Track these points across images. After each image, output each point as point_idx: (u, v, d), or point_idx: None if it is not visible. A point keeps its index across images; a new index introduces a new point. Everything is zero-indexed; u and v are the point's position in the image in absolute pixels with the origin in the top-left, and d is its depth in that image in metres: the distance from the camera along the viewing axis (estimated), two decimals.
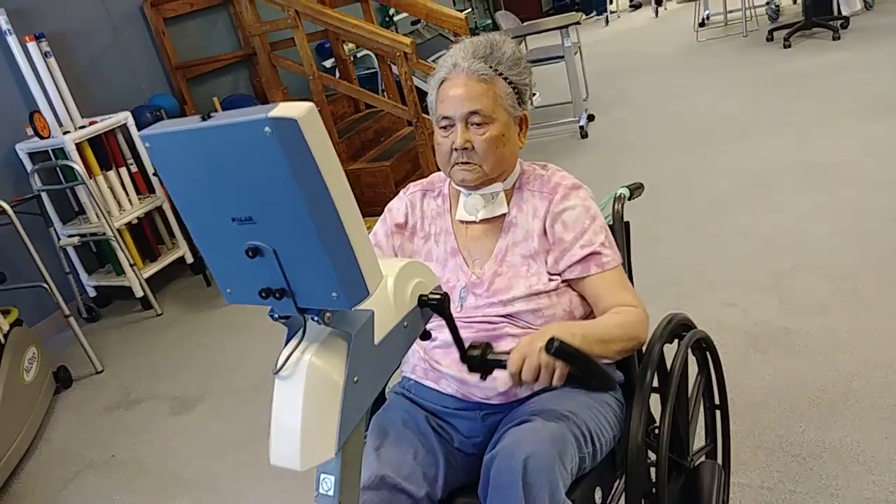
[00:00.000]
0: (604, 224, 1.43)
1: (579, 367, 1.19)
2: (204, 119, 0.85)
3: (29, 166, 3.73)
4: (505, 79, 1.39)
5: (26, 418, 2.84)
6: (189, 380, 3.13)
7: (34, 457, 2.82)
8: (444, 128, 1.41)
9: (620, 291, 1.38)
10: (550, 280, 1.39)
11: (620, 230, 1.50)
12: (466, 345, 1.19)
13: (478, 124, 1.38)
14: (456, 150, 1.39)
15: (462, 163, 1.40)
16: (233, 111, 0.84)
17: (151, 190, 4.14)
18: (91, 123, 3.82)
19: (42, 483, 2.65)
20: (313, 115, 0.82)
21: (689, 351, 1.48)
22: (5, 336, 2.95)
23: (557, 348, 1.15)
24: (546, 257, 1.41)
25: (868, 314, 2.44)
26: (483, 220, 1.45)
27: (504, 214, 1.44)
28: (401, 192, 1.58)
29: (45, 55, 3.69)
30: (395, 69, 4.95)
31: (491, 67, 1.38)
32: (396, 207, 1.55)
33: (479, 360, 1.18)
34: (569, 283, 1.41)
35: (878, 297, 2.52)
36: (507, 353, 1.19)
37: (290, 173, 0.81)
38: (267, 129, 0.79)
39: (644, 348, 1.45)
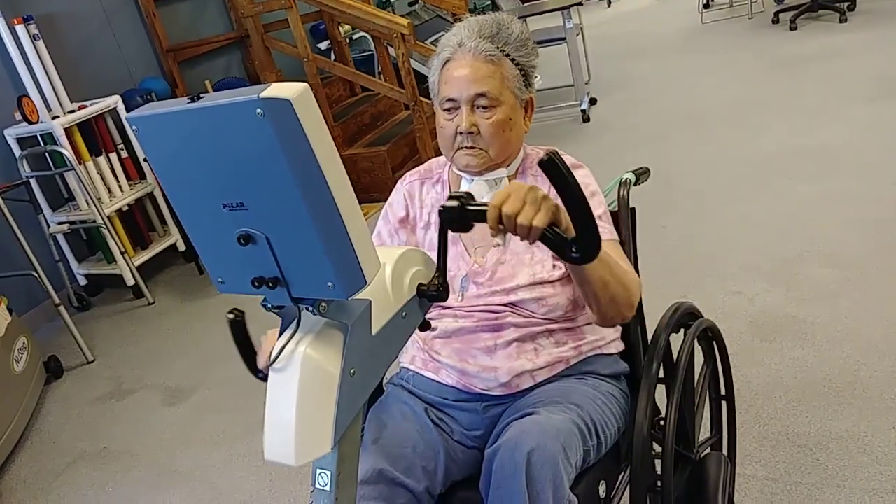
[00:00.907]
0: (603, 201, 1.39)
1: (568, 197, 0.97)
2: (193, 100, 0.81)
3: (17, 152, 3.67)
4: (512, 60, 1.34)
5: (17, 409, 2.80)
6: (182, 370, 3.09)
7: (25, 448, 2.78)
8: (448, 110, 1.35)
9: (618, 260, 1.31)
10: (554, 268, 1.35)
11: (626, 216, 1.45)
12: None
13: (484, 107, 1.32)
14: (461, 133, 1.34)
15: (467, 147, 1.35)
16: (223, 92, 0.81)
17: (142, 176, 4.08)
18: (80, 108, 3.75)
19: (33, 475, 2.61)
20: (307, 95, 0.78)
21: (696, 341, 1.45)
22: None
23: (550, 160, 0.95)
24: None
25: (875, 302, 2.40)
26: None
27: None
28: (398, 184, 1.53)
29: (33, 38, 3.62)
30: (391, 51, 4.90)
31: (498, 48, 1.33)
32: (395, 201, 1.51)
33: (459, 211, 1.02)
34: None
35: (885, 284, 2.49)
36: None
37: (284, 157, 0.78)
38: (259, 110, 0.76)
39: (650, 338, 1.42)
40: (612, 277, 1.21)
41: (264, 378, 0.95)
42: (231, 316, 0.97)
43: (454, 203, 1.02)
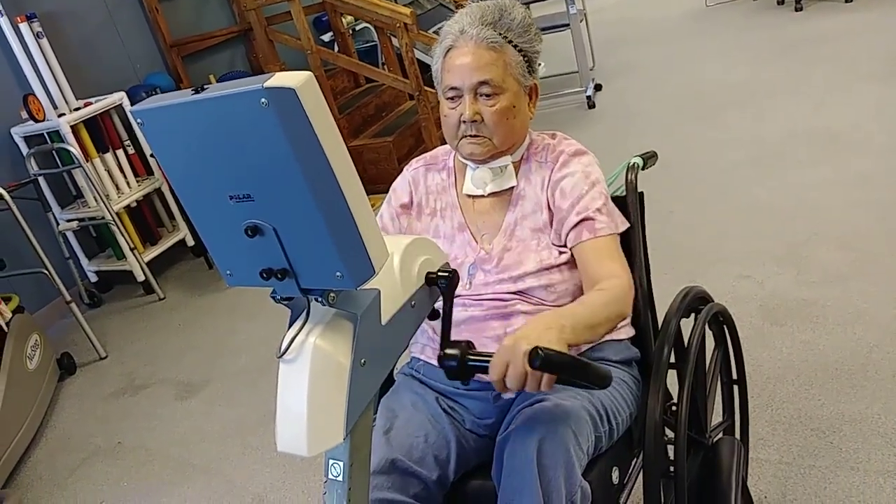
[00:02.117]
0: (604, 191, 1.37)
1: (568, 374, 1.05)
2: (197, 92, 0.81)
3: (25, 150, 3.68)
4: (515, 46, 1.33)
5: (31, 406, 2.82)
6: (194, 364, 3.10)
7: (40, 445, 2.80)
8: (452, 99, 1.35)
9: (607, 261, 1.30)
10: (561, 253, 1.34)
11: (634, 201, 1.44)
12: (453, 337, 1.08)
13: (487, 95, 1.32)
14: (464, 122, 1.33)
15: (471, 135, 1.34)
16: (227, 83, 0.81)
17: (150, 172, 4.08)
18: (86, 105, 3.75)
19: (49, 471, 2.63)
20: (312, 84, 0.78)
21: (706, 325, 1.44)
22: (7, 323, 2.92)
23: (543, 361, 1.00)
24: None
25: (886, 284, 2.39)
26: (491, 194, 1.40)
27: (513, 187, 1.39)
28: (404, 170, 1.53)
29: (37, 36, 3.62)
30: (395, 41, 4.87)
31: (500, 34, 1.32)
32: (400, 186, 1.50)
33: (459, 364, 1.05)
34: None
35: (895, 266, 2.47)
36: (490, 354, 1.06)
37: (289, 147, 0.78)
38: (263, 100, 0.76)
39: (660, 323, 1.42)
40: (607, 321, 1.22)
41: None
42: None
43: (454, 352, 1.05)
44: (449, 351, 1.05)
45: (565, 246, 1.35)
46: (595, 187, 1.35)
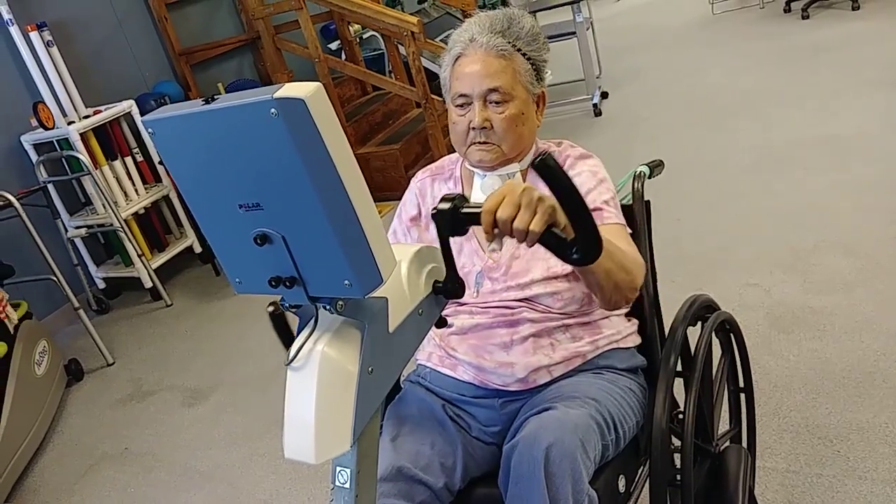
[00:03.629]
0: (611, 188, 1.37)
1: (566, 201, 0.95)
2: (207, 102, 0.82)
3: (34, 157, 3.71)
4: (523, 55, 1.34)
5: (39, 412, 2.83)
6: (201, 371, 3.11)
7: (48, 450, 2.81)
8: (461, 106, 1.36)
9: (620, 241, 1.29)
10: None
11: (641, 209, 1.45)
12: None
13: (496, 102, 1.33)
14: (473, 129, 1.34)
15: (480, 142, 1.35)
16: (237, 93, 0.81)
17: (158, 179, 4.11)
18: (95, 113, 3.78)
19: (56, 476, 2.64)
20: (321, 94, 0.79)
21: (713, 333, 1.44)
22: (15, 329, 2.93)
23: (543, 162, 0.93)
24: None
25: (893, 291, 2.38)
26: None
27: None
28: (411, 182, 1.54)
29: (47, 44, 3.65)
30: (402, 50, 4.89)
31: (509, 43, 1.33)
32: (409, 200, 1.51)
33: (451, 213, 0.98)
34: None
35: None
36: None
37: (298, 156, 0.78)
38: (273, 110, 0.77)
39: (667, 331, 1.42)
40: (614, 265, 1.19)
41: None
42: (271, 309, 0.96)
43: (446, 206, 0.98)
44: (441, 205, 0.98)
45: None
46: (602, 184, 1.36)
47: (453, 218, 0.99)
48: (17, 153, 3.74)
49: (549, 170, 0.94)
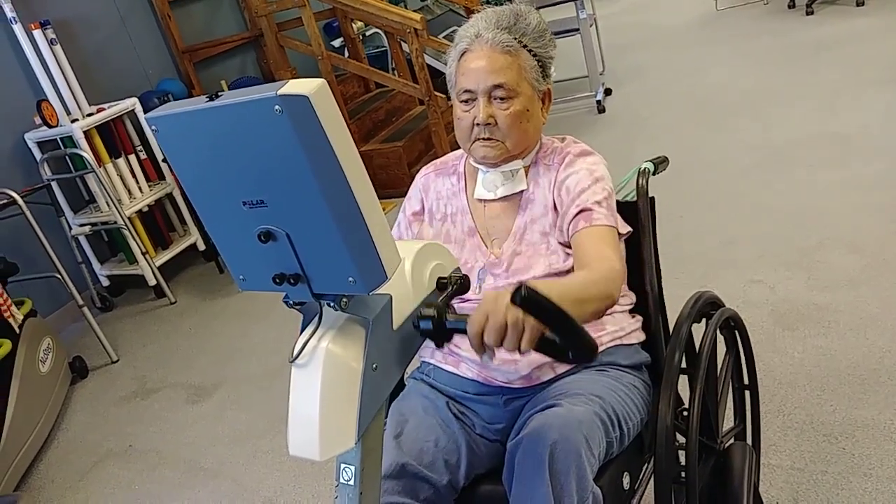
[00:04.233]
0: (608, 188, 1.36)
1: (552, 322, 0.95)
2: (211, 99, 0.82)
3: (38, 155, 3.71)
4: (529, 51, 1.34)
5: (43, 409, 2.84)
6: (205, 368, 3.11)
7: (52, 448, 2.82)
8: (466, 102, 1.35)
9: (601, 245, 1.28)
10: (569, 256, 1.34)
11: (645, 206, 1.44)
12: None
13: (501, 98, 1.32)
14: (478, 125, 1.33)
15: (484, 139, 1.34)
16: (241, 90, 0.81)
17: (161, 177, 4.11)
18: (99, 111, 3.78)
19: (61, 474, 2.65)
20: (325, 91, 0.79)
21: (718, 330, 1.44)
22: (20, 327, 2.94)
23: (525, 297, 0.91)
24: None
25: None
26: (501, 198, 1.40)
27: (523, 191, 1.39)
28: (416, 178, 1.54)
29: (50, 42, 3.65)
30: (405, 47, 4.89)
31: (516, 39, 1.32)
32: (413, 195, 1.52)
33: (435, 324, 0.98)
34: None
35: None
36: (467, 315, 1.00)
37: (302, 153, 0.78)
38: (277, 107, 0.77)
39: (671, 328, 1.41)
40: (595, 299, 1.15)
41: None
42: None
43: (430, 312, 0.98)
44: (425, 311, 0.98)
45: (569, 245, 1.35)
46: (598, 183, 1.35)
47: (437, 329, 0.98)
48: (20, 151, 3.74)
49: (531, 302, 0.93)
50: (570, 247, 1.34)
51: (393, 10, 4.23)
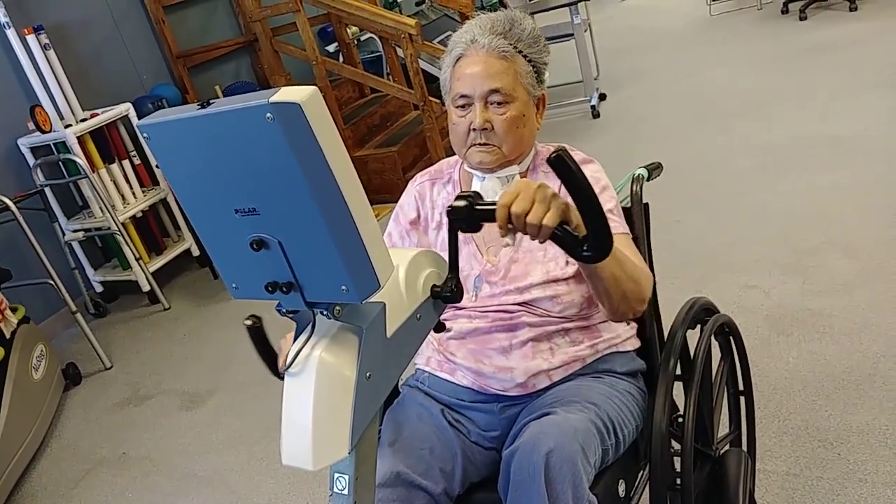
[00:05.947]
0: (614, 196, 1.37)
1: (579, 196, 0.96)
2: (203, 106, 0.81)
3: (31, 161, 3.70)
4: (525, 56, 1.34)
5: (36, 416, 2.82)
6: (199, 375, 3.10)
7: (45, 455, 2.80)
8: (461, 107, 1.35)
9: (626, 251, 1.28)
10: (568, 264, 1.34)
11: (639, 212, 1.44)
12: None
13: (497, 103, 1.32)
14: (474, 130, 1.33)
15: (480, 144, 1.34)
16: (233, 97, 0.81)
17: (155, 182, 4.10)
18: (92, 116, 3.77)
19: (54, 481, 2.63)
20: (317, 98, 0.78)
21: (713, 337, 1.44)
22: (13, 334, 2.92)
23: (559, 157, 0.94)
24: None
25: (893, 293, 2.37)
26: None
27: None
28: (409, 185, 1.52)
29: (44, 48, 3.64)
30: (399, 52, 4.89)
31: (511, 44, 1.32)
32: (406, 203, 1.50)
33: (467, 211, 1.01)
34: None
35: None
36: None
37: (295, 161, 0.78)
38: (268, 115, 0.76)
39: (666, 335, 1.41)
40: (623, 273, 1.19)
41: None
42: (249, 322, 0.97)
43: (462, 203, 1.01)
44: (457, 203, 1.01)
45: None
46: (605, 191, 1.35)
47: (469, 215, 1.01)
48: (14, 156, 3.73)
49: (565, 165, 0.95)
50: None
51: (387, 16, 4.23)
